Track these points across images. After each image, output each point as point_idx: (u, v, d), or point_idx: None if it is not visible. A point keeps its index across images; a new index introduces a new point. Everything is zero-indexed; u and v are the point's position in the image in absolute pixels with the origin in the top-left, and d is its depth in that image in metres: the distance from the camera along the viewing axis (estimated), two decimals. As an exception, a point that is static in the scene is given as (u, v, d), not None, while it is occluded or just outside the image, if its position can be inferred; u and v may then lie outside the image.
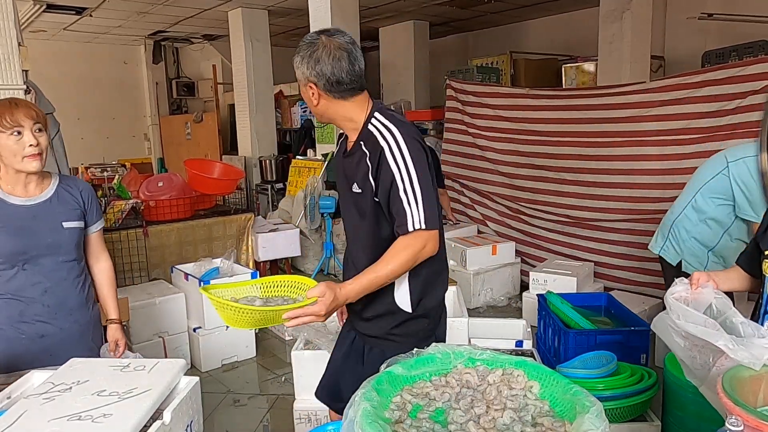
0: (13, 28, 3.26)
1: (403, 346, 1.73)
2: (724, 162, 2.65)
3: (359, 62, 1.69)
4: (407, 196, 1.62)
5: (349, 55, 1.66)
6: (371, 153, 1.67)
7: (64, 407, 1.30)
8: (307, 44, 1.68)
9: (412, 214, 1.61)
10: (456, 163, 5.79)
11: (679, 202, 2.87)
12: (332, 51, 1.66)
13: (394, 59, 9.21)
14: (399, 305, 1.77)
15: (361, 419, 1.08)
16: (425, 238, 1.63)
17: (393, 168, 1.63)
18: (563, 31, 8.52)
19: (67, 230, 1.95)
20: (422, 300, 1.79)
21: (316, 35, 1.69)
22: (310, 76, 1.67)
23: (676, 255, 2.82)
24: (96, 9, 7.49)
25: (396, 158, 1.64)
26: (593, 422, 1.06)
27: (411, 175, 1.63)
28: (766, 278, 1.57)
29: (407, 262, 1.63)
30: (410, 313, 1.78)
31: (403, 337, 1.79)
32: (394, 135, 1.66)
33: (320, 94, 1.69)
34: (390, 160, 1.64)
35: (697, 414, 2.19)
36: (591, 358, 2.70)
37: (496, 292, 4.84)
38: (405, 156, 1.64)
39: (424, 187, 1.63)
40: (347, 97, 1.70)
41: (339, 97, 1.70)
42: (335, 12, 6.08)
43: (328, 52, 1.66)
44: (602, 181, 4.63)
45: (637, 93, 4.42)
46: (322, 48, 1.66)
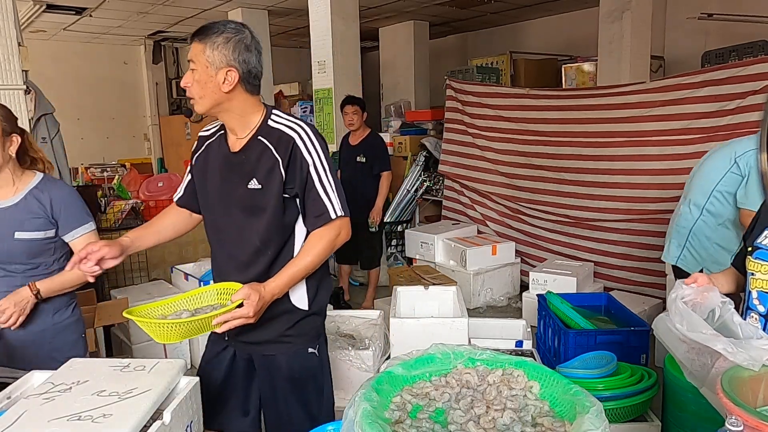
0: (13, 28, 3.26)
1: (295, 347, 1.79)
2: (730, 160, 2.57)
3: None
4: (323, 185, 1.68)
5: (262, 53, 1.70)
6: (278, 145, 1.66)
7: (64, 407, 1.30)
8: (234, 28, 1.63)
9: (331, 202, 1.68)
10: (456, 163, 5.79)
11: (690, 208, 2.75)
12: (258, 44, 1.68)
13: (394, 59, 9.21)
14: (295, 304, 1.75)
15: (361, 419, 1.08)
16: (339, 226, 1.71)
17: (307, 158, 1.66)
18: (563, 31, 8.52)
19: (19, 241, 1.85)
20: (317, 297, 1.81)
21: (240, 25, 1.66)
22: (233, 61, 1.61)
23: (697, 263, 2.70)
24: (96, 9, 7.49)
25: (309, 148, 1.67)
26: (593, 422, 1.06)
27: (324, 165, 1.68)
28: (749, 274, 1.57)
29: (326, 251, 1.69)
30: (306, 311, 1.78)
31: (297, 337, 1.79)
32: (303, 128, 1.69)
33: (237, 82, 1.63)
34: (303, 150, 1.66)
35: (697, 414, 2.19)
36: (591, 358, 2.70)
37: (496, 292, 4.84)
38: (316, 147, 1.68)
39: (334, 176, 1.71)
40: (254, 94, 1.70)
41: (249, 91, 1.68)
42: (335, 12, 6.09)
43: (255, 44, 1.66)
44: (602, 181, 4.63)
45: (637, 93, 4.42)
46: (252, 38, 1.66)
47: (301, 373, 1.81)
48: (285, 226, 1.72)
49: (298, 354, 1.80)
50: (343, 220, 1.71)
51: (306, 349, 1.82)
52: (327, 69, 6.25)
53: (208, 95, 1.64)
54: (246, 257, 1.73)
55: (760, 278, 1.53)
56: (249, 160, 1.69)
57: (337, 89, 6.19)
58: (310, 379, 1.83)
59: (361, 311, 3.33)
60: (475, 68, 6.98)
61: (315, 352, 1.84)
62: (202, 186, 1.82)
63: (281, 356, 1.78)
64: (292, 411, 1.82)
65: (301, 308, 1.77)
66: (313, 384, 1.85)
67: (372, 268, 4.77)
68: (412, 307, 3.06)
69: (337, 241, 1.71)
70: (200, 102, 1.66)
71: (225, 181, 1.74)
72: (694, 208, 2.74)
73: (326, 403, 1.89)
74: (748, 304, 1.58)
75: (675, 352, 1.48)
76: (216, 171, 1.76)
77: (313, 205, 1.68)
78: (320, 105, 6.47)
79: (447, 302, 3.04)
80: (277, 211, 1.68)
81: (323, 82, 6.34)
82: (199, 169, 1.83)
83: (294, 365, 1.79)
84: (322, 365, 1.88)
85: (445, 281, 4.16)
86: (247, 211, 1.70)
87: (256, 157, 1.68)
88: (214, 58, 1.60)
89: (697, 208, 2.72)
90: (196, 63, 1.62)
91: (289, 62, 10.34)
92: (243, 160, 1.70)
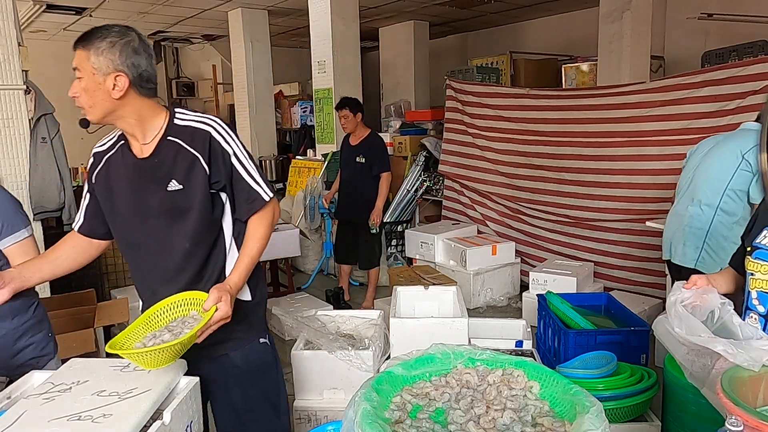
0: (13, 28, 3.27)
1: (248, 340, 1.77)
2: (737, 157, 2.57)
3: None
4: (249, 172, 1.67)
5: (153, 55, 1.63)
6: (193, 142, 1.61)
7: (64, 407, 1.30)
8: (118, 32, 1.54)
9: (260, 186, 1.68)
10: (456, 163, 5.79)
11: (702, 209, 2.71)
12: (146, 47, 1.60)
13: (394, 59, 9.22)
14: (240, 297, 1.71)
15: (361, 419, 1.08)
16: (272, 207, 1.72)
17: (227, 148, 1.64)
18: (563, 31, 8.52)
19: None
20: (258, 286, 1.79)
21: (125, 28, 1.57)
22: (121, 65, 1.53)
23: (715, 264, 2.65)
24: (96, 9, 7.50)
25: (226, 139, 1.65)
26: (593, 422, 1.06)
27: (243, 152, 1.67)
28: (749, 275, 1.57)
29: (268, 234, 1.71)
30: (250, 302, 1.76)
31: (248, 331, 1.77)
32: (214, 120, 1.66)
33: (128, 88, 1.55)
34: (221, 141, 1.64)
35: (697, 414, 2.19)
36: (591, 358, 2.70)
37: (496, 292, 4.84)
38: (232, 136, 1.66)
39: (254, 161, 1.70)
40: (150, 96, 1.63)
41: (144, 94, 1.60)
42: (335, 12, 6.09)
43: (144, 46, 1.58)
44: (602, 181, 4.63)
45: (637, 93, 4.42)
46: (139, 41, 1.57)
47: (259, 365, 1.80)
48: (214, 222, 1.68)
49: (251, 347, 1.79)
50: (274, 202, 1.72)
51: (258, 341, 1.81)
52: (327, 69, 6.25)
53: (98, 104, 1.56)
54: (174, 264, 1.66)
55: (759, 278, 1.53)
56: (164, 162, 1.62)
57: (337, 89, 6.19)
58: (267, 369, 1.83)
59: (361, 311, 3.33)
60: (475, 68, 6.98)
61: (266, 341, 1.84)
62: (109, 204, 1.71)
63: (235, 353, 1.75)
64: (255, 406, 1.80)
65: (245, 300, 1.74)
66: (271, 374, 1.84)
67: (371, 268, 4.77)
68: (412, 307, 3.06)
69: (274, 221, 1.73)
70: (91, 111, 1.58)
71: (137, 191, 1.65)
72: (707, 209, 2.70)
73: (283, 391, 1.89)
74: (747, 304, 1.58)
75: (675, 354, 1.48)
76: (124, 183, 1.67)
77: (243, 193, 1.67)
78: (320, 105, 6.48)
79: (447, 302, 3.04)
80: (205, 208, 1.63)
81: (323, 82, 6.34)
82: (101, 187, 1.72)
83: (250, 359, 1.77)
84: (275, 354, 1.88)
85: (445, 281, 4.16)
86: (170, 214, 1.63)
87: (172, 158, 1.61)
88: (100, 64, 1.52)
89: (711, 208, 2.68)
90: (82, 71, 1.53)
91: (289, 62, 10.34)
92: (156, 163, 1.63)
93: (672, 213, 2.97)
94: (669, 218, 3.00)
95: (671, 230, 2.91)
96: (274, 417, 1.85)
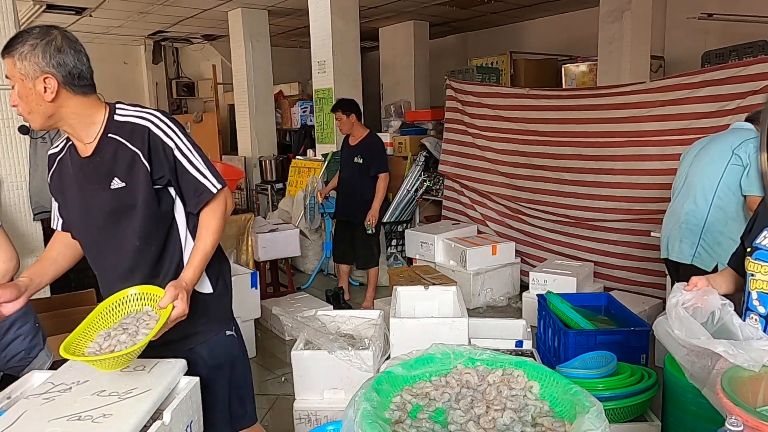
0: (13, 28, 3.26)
1: (212, 333, 1.75)
2: (729, 152, 2.64)
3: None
4: (193, 165, 1.63)
5: (84, 50, 1.59)
6: (132, 137, 1.58)
7: (64, 407, 1.30)
8: (39, 33, 1.51)
9: (207, 178, 1.64)
10: (456, 163, 5.79)
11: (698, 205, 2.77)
12: (72, 43, 1.55)
13: (394, 59, 9.22)
14: (199, 290, 1.67)
15: (361, 419, 1.08)
16: (224, 197, 1.67)
17: (168, 142, 1.60)
18: (563, 31, 8.52)
19: None
20: (220, 278, 1.77)
21: (47, 28, 1.53)
22: (47, 66, 1.49)
23: (712, 260, 2.71)
24: (96, 9, 7.50)
25: (166, 132, 1.60)
26: (593, 422, 1.06)
27: (187, 144, 1.63)
28: (749, 275, 1.57)
29: (221, 225, 1.66)
30: (211, 294, 1.73)
31: (211, 323, 1.75)
32: (154, 114, 1.63)
33: (59, 88, 1.51)
34: (162, 135, 1.60)
35: (697, 414, 2.19)
36: (591, 358, 2.70)
37: (496, 292, 4.84)
38: (173, 128, 1.62)
39: (199, 152, 1.65)
40: (88, 93, 1.60)
41: (80, 93, 1.57)
42: (335, 12, 6.09)
43: (68, 43, 1.54)
44: (602, 181, 4.63)
45: (637, 93, 4.42)
46: (62, 38, 1.53)
47: (225, 358, 1.78)
48: (163, 216, 1.65)
49: (217, 340, 1.77)
50: (225, 192, 1.68)
51: (224, 333, 1.80)
52: (327, 69, 6.25)
53: (34, 109, 1.53)
54: (128, 262, 1.65)
55: (759, 279, 1.53)
56: (104, 161, 1.60)
57: (337, 89, 6.19)
58: (234, 361, 1.82)
59: (361, 311, 3.33)
60: (475, 68, 6.98)
61: (233, 333, 1.82)
62: (64, 204, 1.72)
63: (200, 347, 1.74)
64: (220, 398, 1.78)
65: (205, 293, 1.72)
66: (239, 366, 1.84)
67: (369, 267, 4.77)
68: (412, 307, 3.06)
69: (227, 212, 1.69)
70: (31, 118, 1.55)
71: (84, 191, 1.64)
72: (702, 204, 2.77)
73: (249, 379, 1.89)
74: (747, 305, 1.58)
75: (675, 355, 1.48)
76: (72, 183, 1.66)
77: (190, 186, 1.63)
78: (320, 105, 6.48)
79: (447, 302, 3.04)
80: (150, 204, 1.61)
81: (323, 82, 6.34)
82: (56, 188, 1.72)
83: (216, 352, 1.76)
84: (241, 345, 1.87)
85: (445, 281, 4.16)
86: (116, 213, 1.62)
87: (111, 156, 1.59)
88: (26, 69, 1.49)
89: (706, 204, 2.75)
90: (12, 79, 1.51)
91: (289, 62, 10.34)
92: (98, 162, 1.61)
93: (669, 212, 3.02)
94: (666, 217, 3.04)
95: (668, 228, 2.96)
96: (239, 407, 1.84)
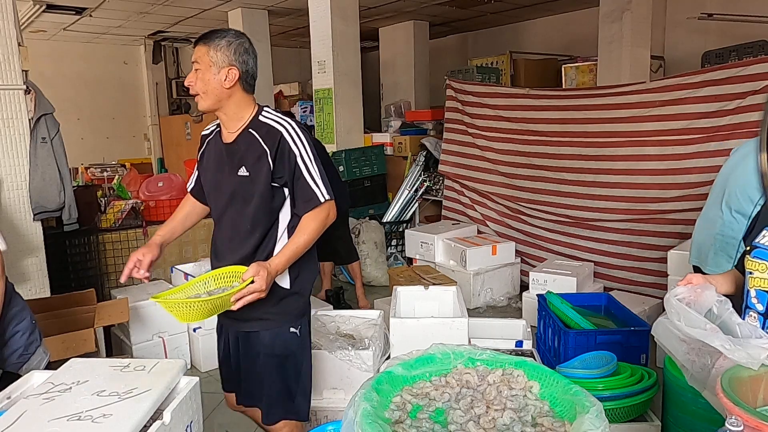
0: (13, 28, 3.26)
1: (277, 325, 1.93)
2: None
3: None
4: (310, 173, 1.86)
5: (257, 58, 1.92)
6: (266, 138, 1.85)
7: (64, 407, 1.30)
8: (234, 34, 1.85)
9: (318, 188, 1.86)
10: (456, 163, 5.79)
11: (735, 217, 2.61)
12: (254, 50, 1.91)
13: (394, 59, 9.22)
14: (278, 283, 1.88)
15: (361, 419, 1.08)
16: (328, 208, 1.89)
17: (294, 149, 1.85)
18: (563, 31, 8.52)
19: None
20: (299, 277, 1.95)
21: (239, 32, 1.88)
22: (235, 61, 1.83)
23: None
24: (96, 9, 7.49)
25: (295, 140, 1.86)
26: (593, 422, 1.06)
27: (309, 155, 1.87)
28: (748, 273, 1.57)
29: (318, 230, 1.88)
30: (288, 290, 1.92)
31: (279, 315, 1.93)
32: (290, 122, 1.89)
33: (237, 80, 1.84)
34: (290, 141, 1.85)
35: (697, 414, 2.19)
36: (591, 358, 2.70)
37: (496, 292, 4.84)
38: (302, 138, 1.87)
39: (319, 165, 1.89)
40: (249, 92, 1.91)
41: (247, 89, 1.89)
42: (335, 12, 6.09)
43: (252, 49, 1.90)
44: (602, 181, 4.63)
45: (637, 93, 4.42)
46: (249, 44, 1.89)
47: (281, 350, 1.95)
48: (272, 211, 1.89)
49: (280, 332, 1.94)
50: (330, 203, 1.89)
51: (288, 329, 1.95)
52: (327, 69, 6.25)
53: (210, 91, 1.83)
54: (238, 240, 1.91)
55: (758, 277, 1.53)
56: (239, 150, 1.88)
57: (337, 89, 6.19)
58: (290, 356, 1.97)
59: (361, 311, 3.33)
60: (475, 68, 6.99)
61: (296, 332, 1.98)
62: (205, 178, 2.03)
63: (264, 333, 1.93)
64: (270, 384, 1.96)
65: (283, 287, 1.91)
66: (293, 362, 1.98)
67: (352, 261, 4.76)
68: (412, 307, 3.06)
69: (327, 221, 1.90)
70: (204, 98, 1.85)
71: (219, 172, 1.94)
72: (739, 217, 2.58)
73: (303, 380, 2.03)
74: (746, 302, 1.58)
75: (675, 355, 1.48)
76: (212, 163, 1.97)
77: (302, 191, 1.86)
78: (320, 105, 6.47)
79: (447, 302, 3.04)
80: (266, 197, 1.86)
81: (323, 82, 6.34)
82: (202, 165, 2.05)
83: (276, 342, 1.94)
84: (303, 345, 2.03)
85: (445, 281, 4.16)
86: (237, 196, 1.89)
87: (246, 147, 1.87)
88: (217, 58, 1.81)
89: (744, 217, 2.60)
90: (201, 63, 1.82)
91: (289, 62, 10.35)
92: (234, 150, 1.89)
93: (703, 217, 2.81)
94: (699, 222, 2.82)
95: (701, 236, 2.75)
96: (288, 400, 1.99)
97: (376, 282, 5.33)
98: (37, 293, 3.45)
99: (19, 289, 2.19)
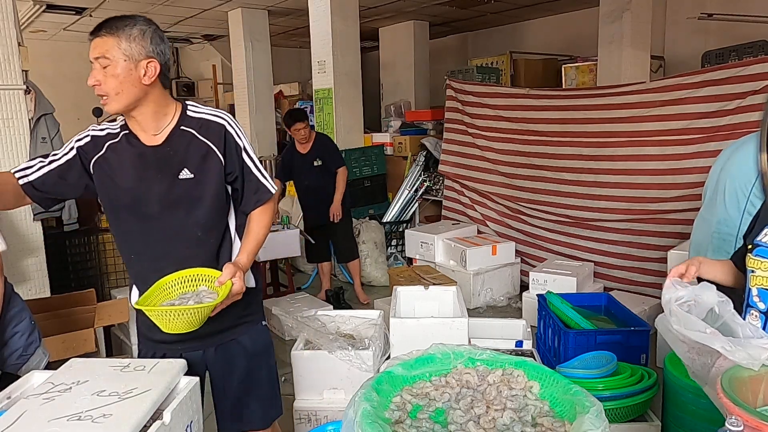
0: (13, 28, 3.26)
1: (253, 324, 1.88)
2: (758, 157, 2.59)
3: None
4: (257, 166, 1.75)
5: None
6: (207, 134, 1.66)
7: (64, 407, 1.30)
8: (144, 21, 1.59)
9: (267, 180, 1.76)
10: (456, 163, 5.79)
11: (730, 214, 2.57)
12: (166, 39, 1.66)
13: (394, 59, 9.22)
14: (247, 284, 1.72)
15: (361, 419, 1.08)
16: (274, 199, 1.81)
17: (239, 141, 1.70)
18: (563, 31, 8.52)
19: None
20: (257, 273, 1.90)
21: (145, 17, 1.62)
22: (152, 52, 1.57)
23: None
24: (96, 9, 7.49)
25: (237, 133, 1.71)
26: (593, 422, 1.06)
27: (250, 147, 1.74)
28: (749, 272, 1.57)
29: (270, 223, 1.79)
30: (254, 288, 1.83)
31: (253, 315, 1.88)
32: (227, 115, 1.73)
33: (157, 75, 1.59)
34: (234, 134, 1.69)
35: (697, 414, 2.19)
36: (591, 358, 2.70)
37: (496, 292, 4.84)
38: (242, 131, 1.73)
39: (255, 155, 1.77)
40: (167, 87, 1.68)
41: (164, 84, 1.65)
42: (335, 12, 6.09)
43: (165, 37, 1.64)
44: (602, 181, 4.63)
45: (637, 93, 4.42)
46: (161, 31, 1.62)
47: (262, 347, 1.90)
48: (223, 212, 1.74)
49: (256, 330, 1.89)
50: (275, 194, 1.82)
51: (261, 324, 1.91)
52: (327, 69, 6.25)
53: (126, 90, 1.56)
54: (185, 251, 1.68)
55: (760, 275, 1.53)
56: (176, 152, 1.65)
57: (337, 89, 6.20)
58: (268, 350, 1.93)
59: (361, 311, 3.33)
60: (475, 68, 6.99)
61: (266, 323, 1.95)
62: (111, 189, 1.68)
63: (243, 337, 1.84)
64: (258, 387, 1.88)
65: (250, 287, 1.79)
66: (271, 354, 1.95)
67: (352, 260, 4.79)
68: (412, 307, 3.06)
69: (273, 214, 1.83)
70: (116, 99, 1.56)
71: (143, 180, 1.64)
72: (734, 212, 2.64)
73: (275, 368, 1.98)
74: (748, 301, 1.58)
75: (677, 350, 1.49)
76: (128, 171, 1.65)
77: (251, 185, 1.74)
78: (320, 105, 6.48)
79: (447, 302, 3.04)
80: (218, 197, 1.69)
81: (323, 82, 6.35)
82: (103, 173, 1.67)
83: (257, 341, 1.87)
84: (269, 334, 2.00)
85: (445, 281, 4.15)
86: (181, 203, 1.65)
87: (185, 147, 1.65)
88: (131, 50, 1.54)
89: (738, 213, 2.64)
90: (110, 58, 1.53)
91: (289, 62, 10.34)
92: (167, 152, 1.65)
93: (699, 217, 2.81)
94: (696, 222, 2.88)
95: (699, 236, 2.77)
96: (276, 396, 1.95)
97: (376, 282, 5.33)
98: (37, 293, 3.45)
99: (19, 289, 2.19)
